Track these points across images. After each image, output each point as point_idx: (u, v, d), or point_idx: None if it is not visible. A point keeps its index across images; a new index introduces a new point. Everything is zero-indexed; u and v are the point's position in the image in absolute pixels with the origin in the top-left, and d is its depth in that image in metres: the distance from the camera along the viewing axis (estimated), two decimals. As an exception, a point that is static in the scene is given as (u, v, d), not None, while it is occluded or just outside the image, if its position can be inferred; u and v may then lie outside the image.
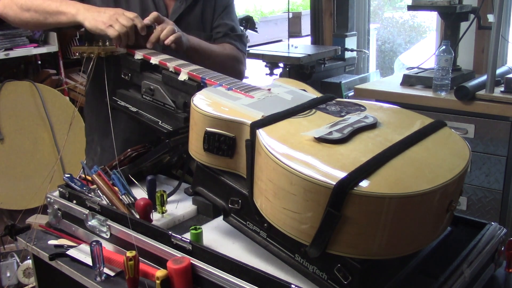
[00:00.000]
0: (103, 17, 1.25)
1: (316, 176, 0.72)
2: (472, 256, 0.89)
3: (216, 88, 1.06)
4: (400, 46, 3.93)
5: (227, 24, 1.56)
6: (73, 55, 1.39)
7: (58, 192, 1.19)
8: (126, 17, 1.26)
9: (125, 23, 1.25)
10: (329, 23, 3.24)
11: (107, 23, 1.25)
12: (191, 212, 1.16)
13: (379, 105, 1.02)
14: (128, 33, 1.26)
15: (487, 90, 2.12)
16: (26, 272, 2.28)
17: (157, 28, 1.31)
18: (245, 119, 0.89)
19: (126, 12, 1.28)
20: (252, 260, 0.92)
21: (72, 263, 1.06)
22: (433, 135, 0.87)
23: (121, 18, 1.25)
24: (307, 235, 0.76)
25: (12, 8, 1.38)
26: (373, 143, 0.82)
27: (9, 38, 2.75)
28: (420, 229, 0.76)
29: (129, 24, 1.25)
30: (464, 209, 2.23)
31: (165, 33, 1.29)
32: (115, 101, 1.32)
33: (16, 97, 2.73)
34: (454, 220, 1.01)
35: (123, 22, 1.25)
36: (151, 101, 1.25)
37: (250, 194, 0.88)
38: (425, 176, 0.75)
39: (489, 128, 2.10)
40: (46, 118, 2.79)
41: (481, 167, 2.16)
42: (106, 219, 1.06)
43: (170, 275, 0.88)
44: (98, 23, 1.25)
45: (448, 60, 2.18)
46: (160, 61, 1.26)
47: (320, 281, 0.81)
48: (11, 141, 2.72)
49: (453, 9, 2.22)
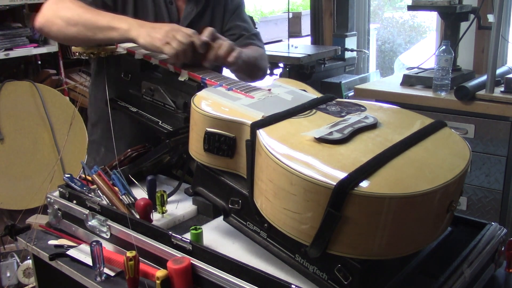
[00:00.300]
0: (158, 34, 1.16)
1: (316, 176, 0.72)
2: (472, 256, 0.89)
3: (216, 88, 1.06)
4: (400, 46, 3.93)
5: (239, 25, 1.54)
6: (73, 55, 1.37)
7: (58, 192, 1.19)
8: (184, 34, 1.16)
9: (183, 40, 1.15)
10: (329, 23, 3.24)
11: (163, 40, 1.15)
12: (191, 212, 1.16)
13: (379, 105, 1.02)
14: (186, 50, 1.15)
15: (487, 90, 2.12)
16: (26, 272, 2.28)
17: (214, 45, 1.21)
18: (245, 119, 0.89)
19: (183, 28, 1.18)
20: (252, 260, 0.92)
21: (72, 263, 1.06)
22: (433, 135, 0.87)
23: (178, 35, 1.15)
24: (307, 235, 0.76)
25: (55, 22, 1.28)
26: (373, 143, 0.82)
27: (9, 38, 2.75)
28: (420, 230, 0.76)
29: (187, 41, 1.15)
30: (464, 209, 2.23)
31: (224, 50, 1.21)
32: (115, 101, 1.32)
33: (16, 97, 2.73)
34: (454, 220, 1.01)
35: (181, 39, 1.15)
36: (151, 101, 1.25)
37: (250, 194, 0.88)
38: (426, 176, 0.75)
39: (489, 128, 2.10)
40: (46, 118, 2.79)
41: (481, 167, 2.16)
42: (106, 219, 1.06)
43: (170, 275, 0.88)
44: (154, 40, 1.16)
45: (448, 60, 2.18)
46: (160, 61, 1.26)
47: (320, 281, 0.81)
48: (11, 141, 2.72)
49: (453, 9, 2.22)
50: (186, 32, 1.17)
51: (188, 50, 1.16)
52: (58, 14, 1.28)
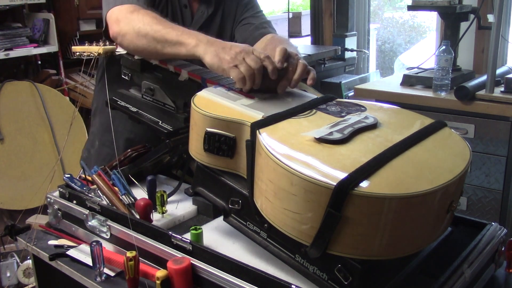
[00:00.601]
0: (227, 55, 1.07)
1: (316, 176, 0.72)
2: (473, 257, 0.89)
3: (216, 88, 1.06)
4: (400, 46, 3.93)
5: (254, 16, 1.51)
6: (73, 55, 1.37)
7: (58, 192, 1.19)
8: (255, 58, 1.05)
9: (252, 65, 1.04)
10: (329, 23, 3.24)
11: (232, 62, 1.05)
12: (191, 212, 1.16)
13: (379, 105, 1.02)
14: (255, 75, 1.04)
15: (487, 90, 2.12)
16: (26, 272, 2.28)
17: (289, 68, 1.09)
18: (245, 120, 0.89)
19: (255, 51, 1.07)
20: (252, 260, 0.92)
21: (72, 263, 1.06)
22: (433, 135, 0.87)
23: (248, 58, 1.05)
24: (307, 236, 0.76)
25: (128, 32, 1.23)
26: (373, 144, 0.82)
27: (9, 38, 2.75)
28: (421, 230, 0.76)
29: (257, 66, 1.04)
30: (464, 209, 2.23)
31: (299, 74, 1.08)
32: (116, 101, 1.32)
33: (16, 97, 2.73)
34: (454, 220, 1.01)
35: (250, 63, 1.04)
36: (151, 101, 1.25)
37: (251, 194, 0.88)
38: (426, 176, 0.75)
39: (489, 128, 2.10)
40: (46, 118, 2.79)
41: (481, 167, 2.16)
42: (106, 219, 1.06)
43: (170, 275, 0.88)
44: (222, 62, 1.07)
45: (448, 60, 2.18)
46: (160, 61, 1.26)
47: (320, 281, 0.81)
48: (11, 141, 2.72)
49: (453, 9, 2.22)
50: (257, 56, 1.06)
51: (257, 75, 1.04)
52: (131, 24, 1.23)
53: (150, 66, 1.29)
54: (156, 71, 1.29)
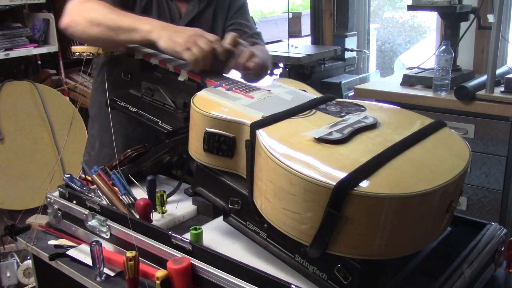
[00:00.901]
0: (180, 38, 1.13)
1: (316, 176, 0.72)
2: (472, 256, 0.89)
3: (216, 88, 1.06)
4: (400, 46, 3.93)
5: (242, 23, 1.53)
6: (73, 55, 1.37)
7: (58, 192, 1.19)
8: (206, 40, 1.14)
9: (204, 47, 1.12)
10: (329, 23, 3.24)
11: (185, 45, 1.12)
12: (191, 212, 1.16)
13: (379, 105, 1.02)
14: (207, 57, 1.13)
15: (487, 90, 2.12)
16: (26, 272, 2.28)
17: (236, 51, 1.19)
18: (245, 120, 0.89)
19: (206, 34, 1.16)
20: (252, 260, 0.92)
21: (72, 263, 1.06)
22: (433, 135, 0.87)
23: (200, 41, 1.13)
24: (307, 236, 0.76)
25: (80, 22, 1.27)
26: (373, 143, 0.82)
27: (9, 38, 2.75)
28: (420, 230, 0.76)
29: (208, 48, 1.13)
30: (464, 209, 2.23)
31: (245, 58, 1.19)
32: (115, 101, 1.32)
33: (16, 97, 2.73)
34: (454, 220, 1.01)
35: (202, 45, 1.12)
36: (151, 101, 1.25)
37: (250, 194, 0.88)
38: (425, 176, 0.75)
39: (489, 128, 2.10)
40: (46, 118, 2.80)
41: (481, 167, 2.16)
42: (106, 219, 1.06)
43: (170, 275, 0.88)
44: (175, 45, 1.14)
45: (448, 60, 2.18)
46: (160, 61, 1.26)
47: (320, 281, 0.81)
48: (11, 141, 2.72)
49: (453, 9, 2.22)
50: (208, 38, 1.14)
51: (208, 57, 1.13)
52: (82, 14, 1.27)
53: (150, 66, 1.29)
54: (156, 71, 1.30)
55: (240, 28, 1.52)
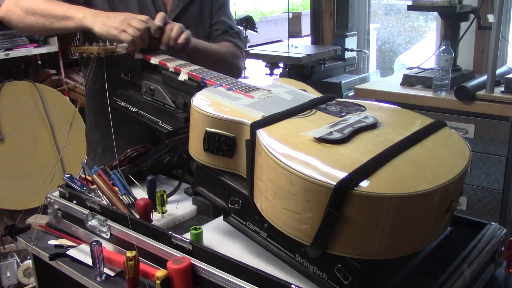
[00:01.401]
0: (114, 22, 1.21)
1: (316, 176, 0.72)
2: (472, 256, 0.89)
3: (216, 88, 1.06)
4: (400, 46, 3.93)
5: (224, 21, 1.57)
6: (73, 55, 1.38)
7: (58, 192, 1.19)
8: (139, 20, 1.22)
9: (138, 26, 1.20)
10: (329, 23, 3.24)
11: (119, 28, 1.20)
12: (191, 212, 1.16)
13: (379, 105, 1.02)
14: (142, 36, 1.21)
15: (487, 90, 2.12)
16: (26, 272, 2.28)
17: (167, 28, 1.27)
18: (245, 119, 0.89)
19: (137, 16, 1.24)
20: (252, 260, 0.92)
21: (72, 263, 1.06)
22: (433, 135, 0.87)
23: (133, 22, 1.21)
24: (307, 235, 0.76)
25: (15, 12, 1.33)
26: (373, 143, 0.82)
27: (9, 38, 2.75)
28: (420, 229, 0.76)
29: (142, 27, 1.21)
30: (464, 209, 2.23)
31: (175, 32, 1.26)
32: (115, 101, 1.32)
33: (16, 97, 2.73)
34: (454, 220, 1.01)
35: (136, 25, 1.20)
36: (151, 101, 1.25)
37: (250, 194, 0.88)
38: (425, 176, 0.75)
39: (489, 128, 2.10)
40: (46, 118, 2.79)
41: (481, 167, 2.16)
42: (106, 219, 1.06)
43: (170, 275, 0.88)
44: (109, 29, 1.21)
45: (448, 60, 2.18)
46: (160, 61, 1.26)
47: (320, 281, 0.81)
48: (11, 141, 2.72)
49: (453, 9, 2.22)
50: (140, 19, 1.22)
51: (144, 36, 1.21)
52: (18, 4, 1.33)
53: (150, 66, 1.29)
54: (156, 71, 1.30)
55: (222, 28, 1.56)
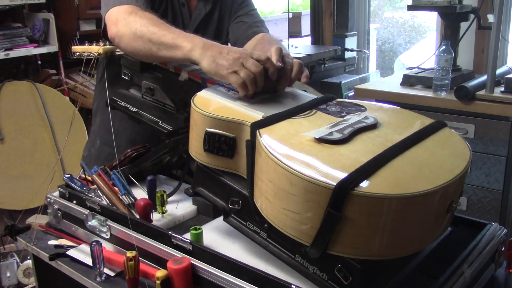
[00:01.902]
0: (225, 61, 1.03)
1: (316, 176, 0.72)
2: (473, 256, 0.89)
3: (216, 88, 1.06)
4: (400, 46, 3.93)
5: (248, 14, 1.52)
6: (73, 55, 1.37)
7: (58, 192, 1.19)
8: (254, 62, 1.02)
9: (253, 69, 1.01)
10: (329, 23, 3.24)
11: (230, 68, 1.02)
12: (191, 212, 1.16)
13: (379, 105, 1.02)
14: (257, 79, 1.01)
15: (487, 90, 2.12)
16: (26, 272, 2.28)
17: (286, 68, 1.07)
18: (245, 120, 0.89)
19: (255, 54, 1.04)
20: (252, 260, 0.92)
21: (72, 263, 1.06)
22: (433, 135, 0.87)
23: (248, 63, 1.02)
24: (307, 236, 0.76)
25: (126, 33, 1.21)
26: (373, 144, 0.82)
27: (9, 38, 2.75)
28: (421, 230, 0.76)
29: (258, 70, 1.01)
30: (464, 209, 2.23)
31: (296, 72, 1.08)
32: (115, 101, 1.32)
33: (16, 97, 2.73)
34: (454, 220, 1.01)
35: (251, 67, 1.01)
36: (151, 101, 1.25)
37: (250, 194, 0.88)
38: (426, 176, 0.75)
39: (489, 128, 2.10)
40: (46, 118, 2.79)
41: (481, 167, 2.16)
42: (106, 219, 1.06)
43: (170, 275, 0.88)
44: (219, 68, 1.03)
45: (448, 60, 2.18)
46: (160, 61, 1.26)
47: (320, 281, 0.81)
48: (11, 141, 2.72)
49: (453, 9, 2.22)
50: (258, 58, 1.03)
51: (258, 79, 1.01)
52: (129, 25, 1.21)
53: (150, 66, 1.29)
54: (156, 71, 1.29)
55: (248, 20, 1.50)
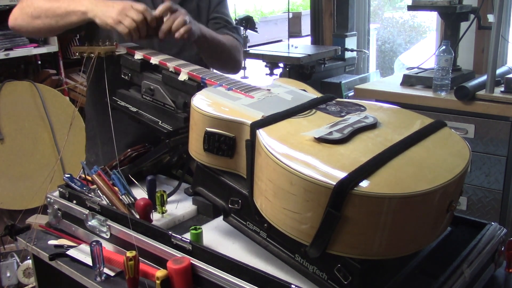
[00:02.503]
0: (111, 13, 1.21)
1: (316, 176, 0.72)
2: (472, 256, 0.89)
3: (216, 88, 1.06)
4: (400, 46, 3.93)
5: (222, 17, 1.58)
6: (73, 55, 1.37)
7: (58, 192, 1.19)
8: (135, 11, 1.21)
9: (134, 17, 1.20)
10: (329, 23, 3.24)
11: (116, 19, 1.20)
12: (191, 212, 1.16)
13: (379, 105, 1.02)
14: (139, 27, 1.21)
15: (487, 90, 2.12)
16: (26, 272, 2.28)
17: (169, 18, 1.25)
18: (245, 119, 0.89)
19: (134, 5, 1.22)
20: (252, 260, 0.92)
21: (72, 263, 1.06)
22: (433, 135, 0.87)
23: (130, 12, 1.21)
24: (307, 235, 0.76)
25: (23, 18, 1.36)
26: (373, 143, 0.82)
27: (9, 38, 2.75)
28: (420, 229, 0.76)
29: (139, 18, 1.20)
30: (464, 209, 2.23)
31: (175, 25, 1.24)
32: (115, 101, 1.32)
33: (16, 97, 2.73)
34: (454, 220, 1.01)
35: (133, 16, 1.20)
36: (151, 101, 1.25)
37: (250, 194, 0.88)
38: (425, 176, 0.75)
39: (489, 128, 2.10)
40: (46, 118, 2.79)
41: (481, 167, 2.16)
42: (106, 219, 1.06)
43: (170, 275, 0.88)
44: (107, 19, 1.21)
45: (448, 60, 2.18)
46: (160, 61, 1.26)
47: (320, 281, 0.81)
48: (11, 141, 2.72)
49: (453, 9, 2.22)
50: (137, 9, 1.21)
51: (140, 27, 1.21)
52: (23, 10, 1.36)
53: (150, 66, 1.29)
54: (156, 71, 1.30)
55: (221, 22, 1.57)
